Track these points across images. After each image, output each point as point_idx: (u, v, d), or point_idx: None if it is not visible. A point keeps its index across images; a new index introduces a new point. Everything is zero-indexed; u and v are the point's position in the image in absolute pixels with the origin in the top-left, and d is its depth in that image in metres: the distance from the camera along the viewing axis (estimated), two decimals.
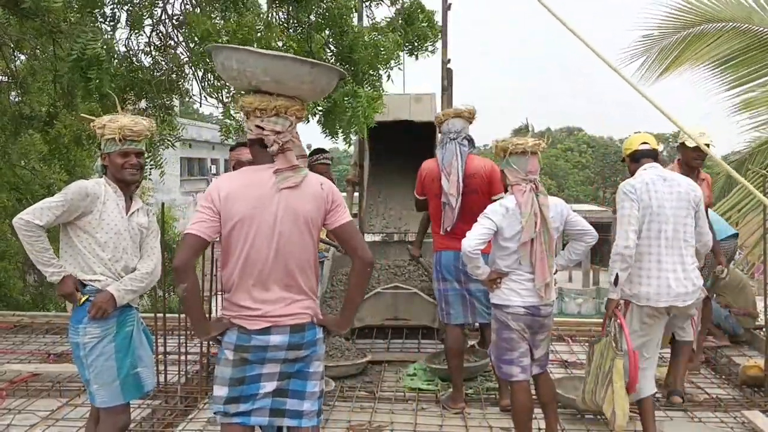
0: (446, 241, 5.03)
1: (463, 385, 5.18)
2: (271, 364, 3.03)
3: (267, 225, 2.98)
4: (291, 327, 3.03)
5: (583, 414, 4.93)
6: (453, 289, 5.07)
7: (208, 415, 4.98)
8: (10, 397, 5.38)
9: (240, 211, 2.97)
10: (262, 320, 3.00)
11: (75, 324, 3.45)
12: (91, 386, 3.46)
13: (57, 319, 8.12)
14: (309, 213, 3.05)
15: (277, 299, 3.02)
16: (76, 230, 3.46)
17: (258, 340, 2.99)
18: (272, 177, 3.00)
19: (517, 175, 4.00)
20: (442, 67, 7.64)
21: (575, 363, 6.29)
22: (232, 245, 3.02)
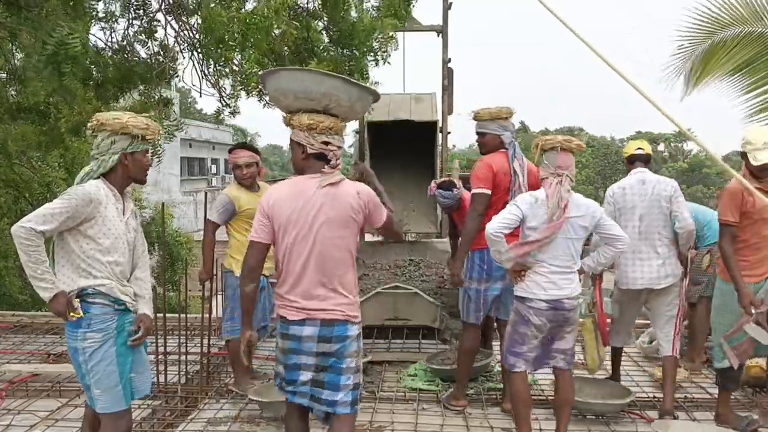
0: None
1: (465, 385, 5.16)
2: (305, 355, 3.36)
3: (307, 228, 3.34)
4: (321, 321, 3.36)
5: (585, 414, 4.91)
6: (494, 288, 4.92)
7: (208, 415, 4.97)
8: (10, 398, 5.37)
9: (284, 216, 3.35)
10: (300, 312, 3.37)
11: (73, 329, 3.33)
12: (92, 391, 3.37)
13: (57, 319, 8.08)
14: (346, 218, 3.39)
15: (313, 295, 3.37)
16: (77, 236, 3.32)
17: (294, 330, 3.37)
18: (316, 184, 3.37)
19: (548, 169, 4.22)
20: (442, 66, 7.65)
21: (576, 363, 6.27)
22: (280, 245, 3.40)
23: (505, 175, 4.85)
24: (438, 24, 7.73)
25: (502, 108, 4.96)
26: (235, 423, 4.83)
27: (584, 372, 5.99)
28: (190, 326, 6.09)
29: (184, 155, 37.26)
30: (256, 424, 4.80)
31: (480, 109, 5.02)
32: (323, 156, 3.40)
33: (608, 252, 4.32)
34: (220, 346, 6.60)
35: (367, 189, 3.51)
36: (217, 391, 5.44)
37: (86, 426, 3.66)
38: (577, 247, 4.18)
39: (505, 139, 4.91)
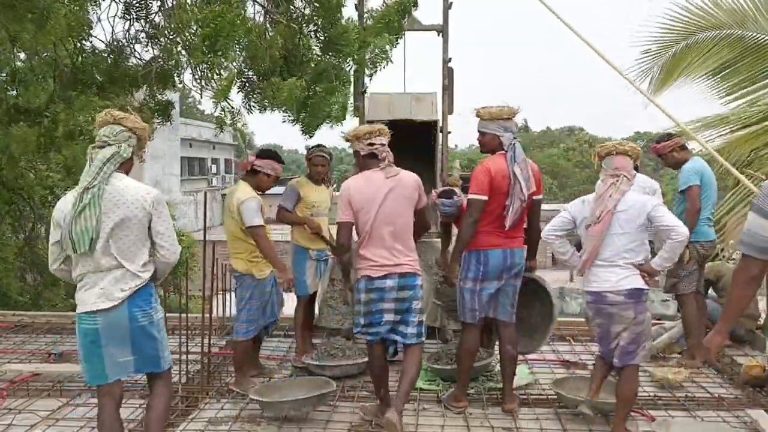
0: (498, 239, 4.89)
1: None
2: (387, 302, 4.50)
3: (380, 206, 4.48)
4: (399, 274, 4.51)
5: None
6: (489, 288, 4.94)
7: (209, 414, 4.96)
8: (11, 397, 5.37)
9: (363, 200, 4.50)
10: (382, 269, 4.48)
11: (150, 304, 3.69)
12: (165, 352, 3.82)
13: (57, 319, 8.10)
14: (410, 196, 4.61)
15: (391, 255, 4.50)
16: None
17: (378, 284, 4.48)
18: (382, 175, 4.55)
19: (606, 172, 4.58)
20: (442, 65, 7.63)
21: (577, 363, 6.28)
22: (360, 222, 4.52)
23: (504, 179, 4.81)
24: (438, 23, 7.72)
25: (504, 108, 4.92)
26: (235, 423, 4.83)
27: (584, 372, 6.00)
28: (191, 326, 6.08)
29: (185, 155, 37.27)
30: (257, 424, 4.80)
31: (482, 107, 5.00)
32: (374, 155, 4.59)
33: (666, 246, 4.34)
34: (221, 346, 6.60)
35: (417, 177, 4.69)
36: (217, 391, 5.44)
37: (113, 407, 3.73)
38: (624, 241, 4.32)
39: (504, 140, 4.88)
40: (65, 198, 3.66)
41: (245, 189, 5.45)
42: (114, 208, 3.54)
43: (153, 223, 3.66)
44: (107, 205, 3.53)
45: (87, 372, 3.71)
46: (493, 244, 4.89)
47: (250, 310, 5.47)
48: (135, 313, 3.59)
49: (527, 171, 4.84)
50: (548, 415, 4.98)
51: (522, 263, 5.00)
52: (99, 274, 3.57)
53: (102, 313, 3.55)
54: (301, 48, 6.05)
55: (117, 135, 3.65)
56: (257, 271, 5.47)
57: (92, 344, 3.59)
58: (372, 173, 4.58)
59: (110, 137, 3.64)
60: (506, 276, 4.93)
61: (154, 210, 3.65)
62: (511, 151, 4.86)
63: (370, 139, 4.63)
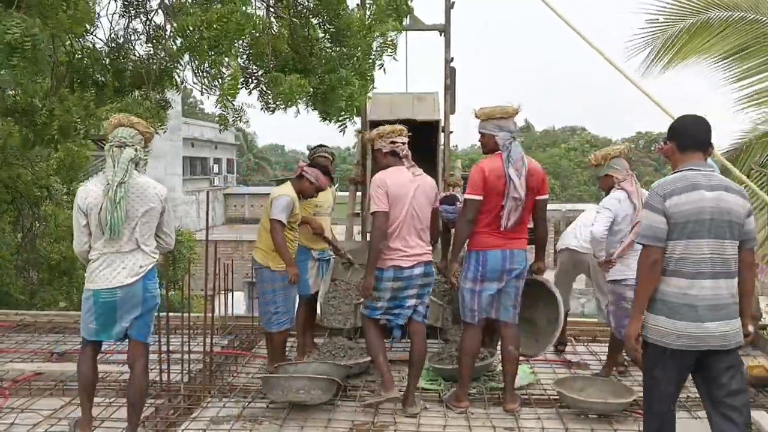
0: (497, 240, 4.90)
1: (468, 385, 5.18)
2: (413, 288, 4.97)
3: (408, 200, 4.90)
4: (424, 263, 4.97)
5: (587, 414, 4.91)
6: (489, 289, 4.96)
7: (211, 413, 4.97)
8: (13, 396, 5.37)
9: (399, 193, 4.88)
10: (411, 259, 4.91)
11: (155, 280, 4.36)
12: (152, 328, 4.51)
13: (59, 318, 8.12)
14: (430, 195, 5.05)
15: (418, 246, 4.95)
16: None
17: (407, 272, 4.91)
18: (408, 173, 4.98)
19: (620, 172, 5.38)
20: (444, 65, 7.64)
21: (579, 363, 6.28)
22: (392, 214, 4.87)
23: (499, 179, 4.82)
24: (440, 23, 7.73)
25: (496, 107, 4.94)
26: (237, 421, 4.83)
27: (586, 372, 6.00)
28: (193, 325, 6.08)
29: (187, 155, 37.23)
30: (259, 423, 4.81)
31: (479, 108, 5.02)
32: (396, 153, 5.01)
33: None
34: (223, 345, 6.61)
35: (432, 179, 5.17)
36: (219, 390, 5.44)
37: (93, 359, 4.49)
38: None
39: (498, 140, 4.89)
40: (87, 188, 4.29)
41: (286, 188, 5.73)
42: (140, 200, 4.26)
43: (164, 215, 4.39)
44: (134, 198, 4.23)
45: (89, 330, 4.37)
46: (492, 244, 4.90)
47: (276, 302, 5.66)
48: (148, 286, 4.30)
49: (523, 170, 4.82)
50: (550, 414, 4.98)
51: (523, 264, 4.99)
52: (121, 255, 4.23)
53: (125, 287, 4.22)
54: (309, 41, 6.03)
55: (133, 138, 4.32)
56: (274, 264, 5.62)
57: (107, 312, 4.26)
58: (399, 170, 4.95)
59: (128, 139, 4.30)
60: (507, 277, 4.94)
61: (166, 204, 4.39)
62: (506, 151, 4.86)
63: (392, 137, 5.01)
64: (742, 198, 3.61)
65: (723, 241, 3.53)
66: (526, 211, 4.95)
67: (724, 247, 3.53)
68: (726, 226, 3.52)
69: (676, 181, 3.60)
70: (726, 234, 3.53)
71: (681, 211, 3.50)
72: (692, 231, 3.50)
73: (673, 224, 3.52)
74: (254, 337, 7.04)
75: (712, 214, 3.50)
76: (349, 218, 8.14)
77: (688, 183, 3.55)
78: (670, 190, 3.55)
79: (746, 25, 8.67)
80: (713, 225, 3.50)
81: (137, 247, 4.26)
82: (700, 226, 3.50)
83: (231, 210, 43.04)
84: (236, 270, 6.50)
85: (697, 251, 3.51)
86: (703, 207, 3.49)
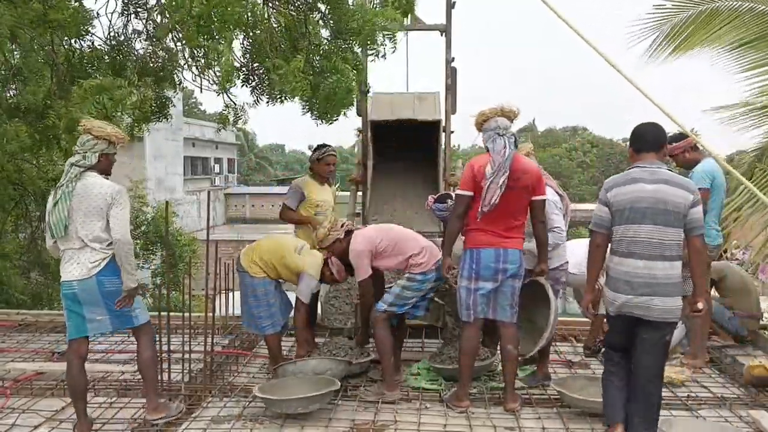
0: (491, 238, 4.93)
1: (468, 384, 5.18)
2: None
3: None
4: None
5: (588, 413, 4.91)
6: (483, 288, 4.98)
7: (211, 413, 4.98)
8: (15, 396, 5.37)
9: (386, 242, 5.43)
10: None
11: (116, 274, 4.50)
12: (137, 311, 4.68)
13: (61, 318, 8.10)
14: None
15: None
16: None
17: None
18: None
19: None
20: (445, 65, 7.64)
21: (580, 363, 6.28)
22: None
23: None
24: (441, 23, 7.73)
25: (476, 114, 5.10)
26: (238, 421, 4.84)
27: (588, 371, 6.00)
28: (194, 325, 6.09)
29: (188, 154, 37.27)
30: (260, 423, 4.81)
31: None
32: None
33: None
34: (224, 345, 6.61)
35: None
36: (220, 390, 5.44)
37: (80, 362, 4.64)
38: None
39: (484, 138, 4.99)
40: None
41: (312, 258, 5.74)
42: (83, 200, 4.45)
43: (111, 210, 4.48)
44: (77, 199, 4.45)
45: (69, 327, 4.62)
46: (485, 243, 4.95)
47: (269, 305, 5.72)
48: (102, 281, 4.47)
49: (502, 160, 4.80)
50: (550, 414, 4.98)
51: (517, 264, 4.99)
52: (75, 251, 4.49)
53: (81, 281, 4.46)
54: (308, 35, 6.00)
55: (84, 144, 4.56)
56: (254, 271, 5.69)
57: (72, 304, 4.52)
58: None
59: (78, 146, 4.58)
60: (502, 277, 4.96)
61: (114, 200, 4.48)
62: (491, 145, 4.91)
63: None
64: (685, 191, 4.13)
65: (661, 227, 4.10)
66: (521, 211, 4.97)
67: (662, 233, 4.10)
68: (663, 214, 4.10)
69: (620, 176, 4.31)
70: (664, 221, 4.10)
71: (619, 201, 4.19)
72: (629, 217, 4.15)
73: (614, 211, 4.23)
74: (255, 337, 7.04)
75: (649, 203, 4.11)
76: (349, 218, 8.15)
77: (630, 177, 4.23)
78: (613, 184, 4.28)
79: (756, 16, 8.53)
80: (650, 212, 4.11)
81: (85, 244, 4.47)
82: (637, 213, 4.13)
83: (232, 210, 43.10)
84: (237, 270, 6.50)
85: (634, 234, 4.15)
86: (641, 197, 4.13)
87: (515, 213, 4.92)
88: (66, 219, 4.42)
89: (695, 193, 4.17)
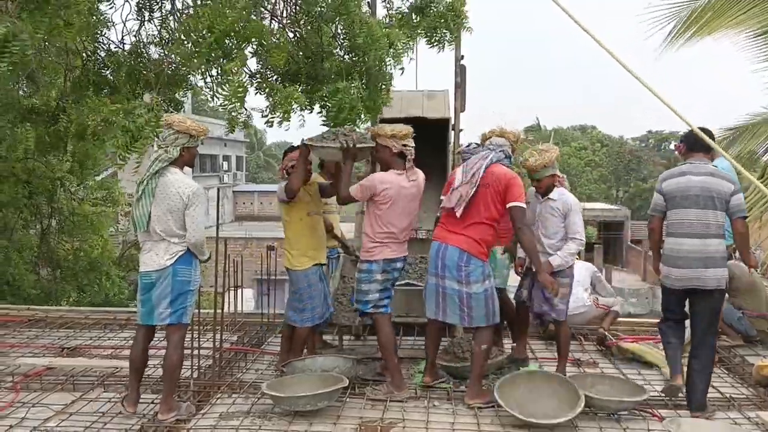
0: (439, 231, 5.29)
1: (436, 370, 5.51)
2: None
3: (405, 201, 5.26)
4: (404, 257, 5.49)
5: (597, 413, 4.90)
6: (430, 281, 5.29)
7: (220, 409, 5.00)
8: (24, 391, 5.42)
9: (392, 194, 5.18)
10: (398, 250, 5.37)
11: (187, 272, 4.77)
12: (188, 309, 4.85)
13: (71, 314, 8.17)
14: (420, 194, 5.41)
15: (404, 241, 5.39)
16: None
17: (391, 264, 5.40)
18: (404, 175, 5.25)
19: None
20: (455, 63, 7.63)
21: (588, 362, 6.27)
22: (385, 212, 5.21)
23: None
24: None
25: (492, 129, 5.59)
26: (247, 417, 4.86)
27: (597, 370, 5.99)
28: (203, 321, 6.11)
29: None
30: (268, 419, 4.82)
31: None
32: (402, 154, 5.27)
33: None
34: (233, 342, 6.63)
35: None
36: (229, 386, 5.46)
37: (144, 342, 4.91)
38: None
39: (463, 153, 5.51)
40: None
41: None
42: (162, 197, 4.67)
43: (187, 211, 4.68)
44: (158, 195, 4.68)
45: (141, 313, 4.83)
46: (435, 236, 5.32)
47: (307, 300, 5.64)
48: (177, 270, 4.71)
49: (470, 167, 5.19)
50: None
51: (455, 265, 5.08)
52: (154, 243, 4.74)
53: (155, 272, 4.71)
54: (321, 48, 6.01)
55: (165, 139, 4.72)
56: (295, 264, 5.64)
57: (147, 294, 4.75)
58: (399, 173, 5.25)
59: (160, 141, 4.77)
60: (441, 273, 5.13)
61: (189, 200, 4.67)
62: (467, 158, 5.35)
63: (405, 140, 5.25)
64: (727, 181, 4.93)
65: (706, 210, 4.89)
66: (475, 207, 5.11)
67: (706, 215, 4.90)
68: (708, 200, 4.89)
69: (673, 170, 5.15)
70: (708, 206, 4.89)
71: (671, 190, 5.02)
72: (680, 203, 4.96)
73: (667, 199, 5.05)
74: (263, 334, 7.07)
75: (696, 191, 4.91)
76: (357, 216, 8.15)
77: (680, 171, 5.05)
78: (667, 176, 5.12)
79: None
80: (697, 199, 4.91)
81: (162, 238, 4.71)
82: (686, 199, 4.93)
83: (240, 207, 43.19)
84: (245, 267, 6.51)
85: (684, 217, 4.95)
86: (690, 186, 4.94)
87: (473, 213, 5.11)
88: (148, 214, 4.68)
89: (736, 184, 4.96)
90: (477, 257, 5.07)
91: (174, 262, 4.70)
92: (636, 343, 6.41)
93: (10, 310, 8.35)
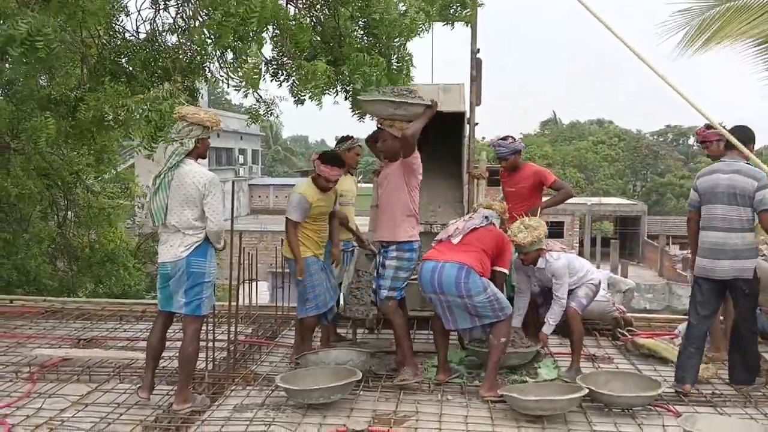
0: (431, 252, 5.44)
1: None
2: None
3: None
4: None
5: (611, 408, 4.88)
6: (432, 298, 5.38)
7: (234, 401, 5.01)
8: (41, 381, 5.46)
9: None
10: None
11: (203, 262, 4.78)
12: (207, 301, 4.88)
13: (87, 305, 8.23)
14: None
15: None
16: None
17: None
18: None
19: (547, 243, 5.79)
20: (471, 56, 7.60)
21: (603, 357, 6.24)
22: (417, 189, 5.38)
23: None
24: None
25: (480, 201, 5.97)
26: (261, 409, 4.87)
27: (611, 366, 5.96)
28: (217, 314, 6.14)
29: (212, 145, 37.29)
30: (282, 411, 4.83)
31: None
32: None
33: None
34: (247, 334, 6.65)
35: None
36: (243, 378, 5.48)
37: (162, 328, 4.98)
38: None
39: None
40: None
41: (303, 185, 5.78)
42: (179, 188, 4.71)
43: (206, 200, 4.72)
44: (174, 187, 4.72)
45: (160, 299, 4.92)
46: (428, 256, 5.37)
47: (311, 288, 5.72)
48: (191, 261, 4.74)
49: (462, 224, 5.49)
50: (573, 408, 4.94)
51: (452, 282, 5.12)
52: (171, 235, 4.80)
53: (171, 263, 4.77)
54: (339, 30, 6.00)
55: (180, 131, 4.75)
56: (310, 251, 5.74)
57: (165, 282, 4.83)
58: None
59: (175, 134, 4.80)
60: (440, 291, 5.20)
61: (207, 190, 4.71)
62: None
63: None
64: (752, 179, 5.14)
65: (732, 206, 5.17)
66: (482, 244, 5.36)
67: (730, 211, 5.18)
68: (733, 196, 5.17)
69: (706, 168, 5.50)
70: (734, 201, 5.17)
71: (703, 187, 5.35)
72: (710, 200, 5.29)
73: (701, 195, 5.37)
74: (278, 327, 7.08)
75: (723, 188, 5.22)
76: (373, 210, 8.14)
77: (711, 169, 5.39)
78: (701, 173, 5.51)
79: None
80: (723, 195, 5.22)
81: (178, 230, 4.76)
82: (714, 196, 5.26)
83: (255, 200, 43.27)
84: (260, 260, 6.54)
85: (714, 212, 5.26)
86: (718, 183, 5.25)
87: (472, 241, 5.34)
88: (165, 207, 4.75)
89: (761, 180, 5.13)
90: (476, 272, 5.14)
91: (189, 253, 4.74)
92: (652, 339, 6.36)
93: (27, 302, 8.43)
